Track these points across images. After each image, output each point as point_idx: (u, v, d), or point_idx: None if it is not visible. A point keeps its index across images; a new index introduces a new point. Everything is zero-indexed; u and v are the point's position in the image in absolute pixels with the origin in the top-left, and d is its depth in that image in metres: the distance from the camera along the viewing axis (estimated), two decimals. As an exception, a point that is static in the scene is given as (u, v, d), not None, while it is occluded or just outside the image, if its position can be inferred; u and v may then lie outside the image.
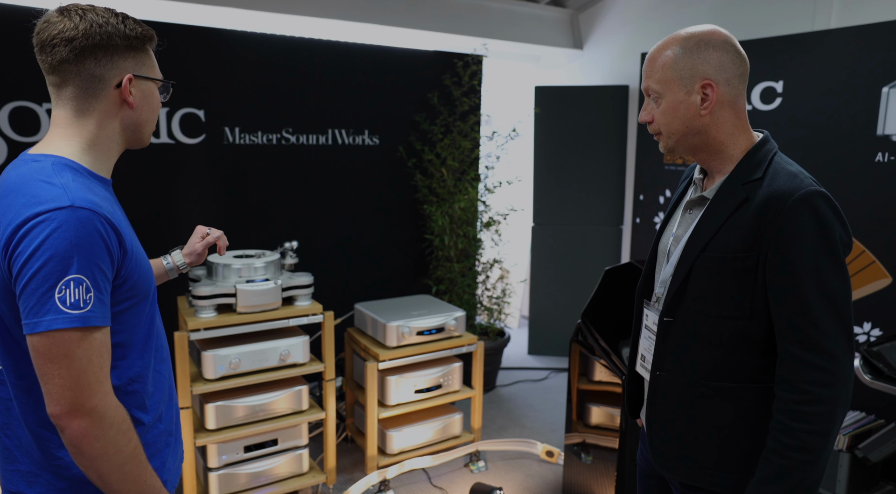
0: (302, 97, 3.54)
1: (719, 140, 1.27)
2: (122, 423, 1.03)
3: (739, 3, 3.91)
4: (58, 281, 0.95)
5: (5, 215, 1.00)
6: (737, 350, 1.25)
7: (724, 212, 1.24)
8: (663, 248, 1.42)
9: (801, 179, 1.20)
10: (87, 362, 0.98)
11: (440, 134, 3.96)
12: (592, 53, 5.00)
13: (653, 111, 1.29)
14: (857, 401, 3.14)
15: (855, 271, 3.14)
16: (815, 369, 1.15)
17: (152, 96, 1.17)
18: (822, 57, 3.17)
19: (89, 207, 0.99)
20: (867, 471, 2.93)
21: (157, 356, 1.20)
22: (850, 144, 3.08)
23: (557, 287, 4.79)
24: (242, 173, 3.43)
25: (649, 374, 1.40)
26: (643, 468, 1.56)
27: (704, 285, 1.26)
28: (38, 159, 1.06)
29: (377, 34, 4.23)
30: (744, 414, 1.26)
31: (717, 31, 1.24)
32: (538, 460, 3.26)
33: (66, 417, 0.97)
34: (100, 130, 1.12)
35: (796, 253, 1.15)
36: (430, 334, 3.03)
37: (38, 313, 0.95)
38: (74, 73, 1.08)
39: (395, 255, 4.01)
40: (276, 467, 2.72)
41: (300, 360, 2.73)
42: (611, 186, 4.69)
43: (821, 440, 1.15)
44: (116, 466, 1.02)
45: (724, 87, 1.23)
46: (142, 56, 1.14)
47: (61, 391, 0.97)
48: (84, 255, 0.97)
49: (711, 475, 1.30)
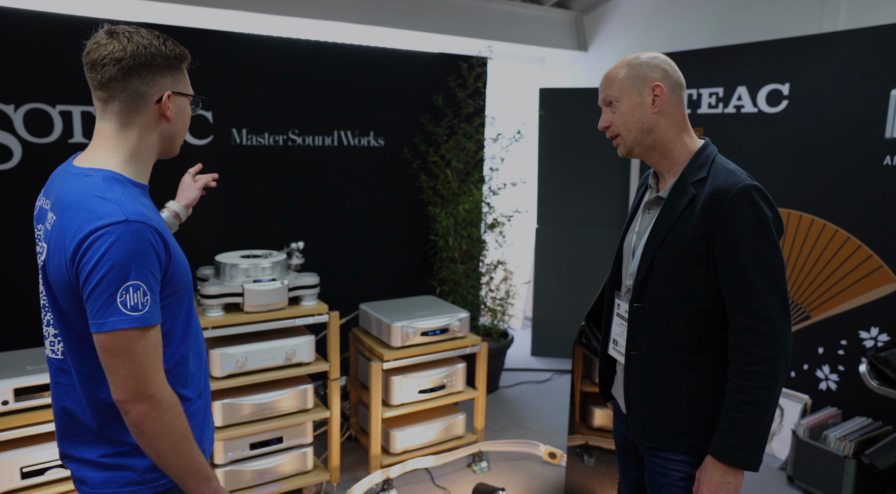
0: (308, 99, 3.56)
1: (668, 140, 1.49)
2: (176, 407, 1.19)
3: (745, 4, 3.90)
4: (119, 287, 1.10)
5: (69, 229, 1.14)
6: (696, 326, 1.46)
7: (678, 208, 1.45)
8: (628, 246, 1.63)
9: (737, 175, 1.42)
10: (145, 355, 1.14)
11: (445, 136, 3.97)
12: (597, 55, 5.00)
13: (610, 118, 1.51)
14: (862, 407, 3.13)
15: (861, 275, 3.13)
16: (758, 333, 1.36)
17: (185, 110, 1.31)
18: (830, 59, 3.17)
19: (141, 219, 1.14)
20: (873, 478, 2.92)
21: (195, 339, 1.36)
22: (858, 147, 3.07)
23: (561, 289, 4.79)
24: (249, 174, 3.46)
25: (623, 356, 1.60)
26: (619, 442, 1.76)
27: (666, 272, 1.47)
28: (88, 174, 1.19)
29: (382, 36, 4.25)
30: (707, 382, 1.47)
31: (659, 54, 1.51)
32: (540, 461, 3.27)
33: (129, 402, 1.13)
34: (140, 142, 1.25)
35: (738, 237, 1.36)
36: (435, 334, 3.05)
37: (104, 315, 1.11)
38: (121, 89, 1.20)
39: (399, 256, 4.03)
40: (280, 465, 2.74)
41: (306, 359, 2.75)
42: (614, 188, 4.70)
43: (768, 394, 1.37)
44: (171, 444, 1.18)
45: (669, 91, 1.47)
46: (178, 74, 1.27)
47: (125, 380, 1.13)
48: (139, 263, 1.12)
49: (678, 438, 1.50)
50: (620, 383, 1.65)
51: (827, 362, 3.27)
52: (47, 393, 2.21)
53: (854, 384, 3.14)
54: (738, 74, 3.52)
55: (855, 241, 3.14)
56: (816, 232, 3.27)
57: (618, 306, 1.66)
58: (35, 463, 2.22)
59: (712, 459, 1.42)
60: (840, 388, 3.22)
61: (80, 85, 2.92)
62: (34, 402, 2.21)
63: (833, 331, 3.24)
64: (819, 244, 3.27)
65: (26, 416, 2.18)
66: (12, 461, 2.18)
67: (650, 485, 1.58)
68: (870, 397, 3.06)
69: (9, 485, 2.18)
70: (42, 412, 2.21)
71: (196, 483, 1.24)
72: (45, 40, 2.84)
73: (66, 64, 2.89)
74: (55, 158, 2.91)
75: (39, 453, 2.22)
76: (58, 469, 2.25)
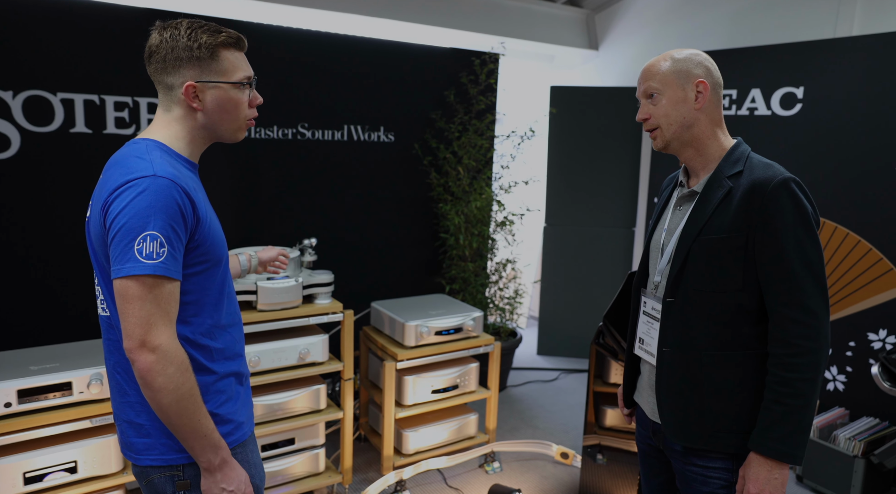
0: (318, 92, 3.50)
1: (705, 136, 1.49)
2: (182, 363, 1.20)
3: (759, 7, 3.89)
4: (137, 235, 1.14)
5: (106, 185, 1.20)
6: (732, 321, 1.44)
7: (714, 201, 1.44)
8: (656, 244, 1.62)
9: (775, 168, 1.42)
10: (155, 305, 1.16)
11: (457, 132, 3.93)
12: (608, 54, 4.98)
13: (650, 110, 1.50)
14: (871, 408, 3.15)
15: (871, 278, 3.14)
16: (801, 325, 1.36)
17: (225, 99, 1.30)
18: (844, 64, 3.16)
19: (168, 177, 1.17)
20: (881, 477, 2.95)
21: (227, 318, 1.36)
22: (870, 151, 3.08)
23: (568, 288, 4.78)
24: (258, 168, 3.40)
25: (650, 355, 1.58)
26: (643, 448, 1.73)
27: (702, 265, 1.45)
28: (136, 142, 1.26)
29: (393, 30, 4.20)
30: (741, 379, 1.44)
31: (700, 51, 1.51)
32: (552, 461, 3.26)
33: (135, 351, 1.16)
34: (181, 128, 1.31)
35: (779, 228, 1.36)
36: (449, 334, 3.02)
37: (121, 260, 1.15)
38: (157, 81, 1.29)
39: (408, 253, 3.99)
40: (292, 466, 2.70)
41: (319, 359, 2.71)
42: (624, 188, 4.68)
43: (811, 385, 1.35)
44: (175, 400, 1.18)
45: (711, 89, 1.47)
46: (210, 63, 1.27)
47: (133, 327, 1.15)
48: (160, 215, 1.15)
49: (717, 437, 1.47)
50: (647, 385, 1.63)
51: (835, 363, 3.29)
52: (52, 395, 2.13)
53: (861, 385, 3.15)
54: (753, 77, 3.51)
55: (865, 244, 3.15)
56: (827, 235, 3.28)
57: (644, 304, 1.64)
58: (39, 468, 2.11)
59: (757, 455, 1.40)
60: (847, 389, 3.24)
61: (83, 72, 2.84)
62: (39, 404, 2.11)
63: (842, 333, 3.25)
64: (830, 247, 3.27)
65: (30, 419, 2.08)
66: (15, 466, 2.07)
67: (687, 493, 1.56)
68: (877, 397, 3.08)
69: (10, 491, 2.08)
70: (47, 414, 2.12)
71: (202, 447, 1.24)
72: (47, 24, 2.75)
73: (69, 49, 2.80)
74: (56, 149, 2.83)
75: (44, 457, 2.12)
76: (59, 473, 2.15)
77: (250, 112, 1.35)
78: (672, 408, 1.52)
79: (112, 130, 2.95)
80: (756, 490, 1.39)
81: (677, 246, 1.50)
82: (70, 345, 2.43)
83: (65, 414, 2.14)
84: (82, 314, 2.95)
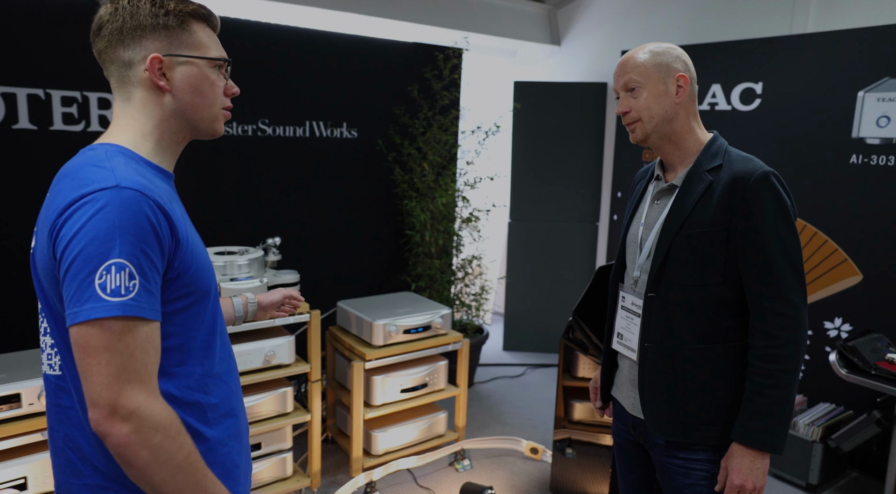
0: (278, 87, 3.41)
1: (684, 130, 1.49)
2: (171, 427, 0.92)
3: (717, 4, 3.96)
4: (98, 266, 0.87)
5: (55, 202, 0.94)
6: (713, 314, 1.44)
7: (695, 195, 1.44)
8: (633, 238, 1.60)
9: (754, 161, 1.43)
10: (128, 356, 0.88)
11: (421, 128, 3.89)
12: (570, 50, 5.00)
13: (631, 103, 1.49)
14: (827, 393, 3.24)
15: (827, 268, 3.23)
16: (782, 317, 1.37)
17: (199, 78, 1.06)
18: (801, 60, 3.24)
19: (136, 187, 0.91)
20: (838, 460, 3.05)
21: (221, 364, 1.10)
22: (826, 145, 3.16)
23: (533, 283, 4.79)
24: (217, 166, 3.29)
25: (630, 350, 1.58)
26: (621, 443, 1.72)
27: (684, 259, 1.45)
28: (93, 148, 1.01)
29: (355, 24, 4.12)
30: (722, 372, 1.46)
31: (676, 46, 1.51)
32: (522, 457, 3.25)
33: (105, 422, 0.88)
34: (146, 121, 1.05)
35: (760, 222, 1.37)
36: (417, 332, 2.98)
37: (78, 301, 0.87)
38: (109, 60, 1.04)
39: (374, 251, 3.93)
40: (259, 472, 2.63)
41: (286, 361, 2.64)
42: (587, 182, 4.72)
43: (792, 376, 1.38)
44: (169, 476, 0.91)
45: (690, 83, 1.48)
46: (179, 34, 1.04)
47: (99, 390, 0.87)
48: (127, 238, 0.88)
49: (699, 430, 1.48)
50: (627, 381, 1.62)
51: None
52: (18, 404, 2.01)
53: (818, 372, 3.24)
54: (713, 72, 3.57)
55: (822, 236, 3.23)
56: (786, 227, 3.35)
57: (623, 299, 1.63)
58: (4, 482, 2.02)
59: (740, 446, 1.41)
60: (805, 376, 3.33)
61: (27, 64, 2.68)
62: (6, 414, 2.01)
63: (801, 322, 3.34)
64: (789, 239, 3.35)
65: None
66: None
67: (669, 487, 1.55)
68: (833, 384, 3.17)
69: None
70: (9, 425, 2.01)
71: None
72: None
73: (11, 40, 2.64)
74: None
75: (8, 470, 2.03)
76: (8, 490, 2.03)
77: (225, 101, 1.13)
78: (655, 403, 1.52)
79: (60, 126, 2.81)
80: (740, 480, 1.40)
81: (658, 241, 1.49)
82: (17, 354, 2.30)
83: (13, 428, 2.02)
84: (30, 319, 2.80)
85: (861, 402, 3.10)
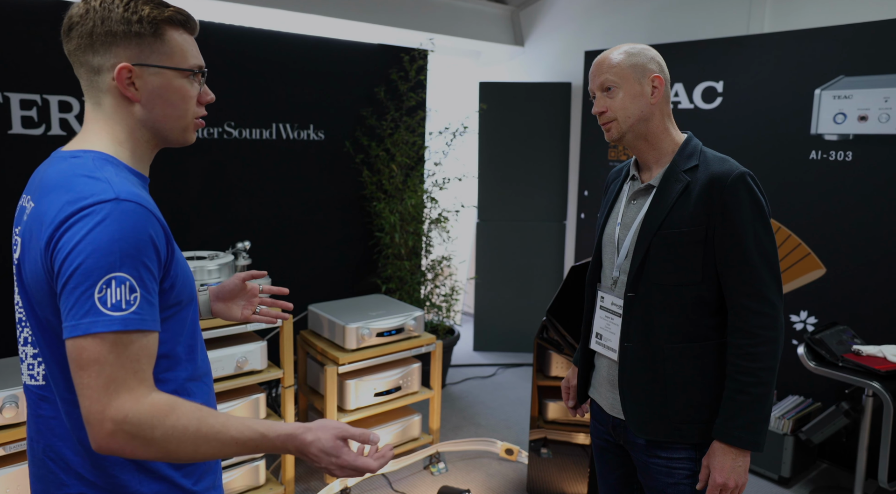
0: (244, 90, 3.34)
1: (659, 130, 1.50)
2: (168, 415, 0.89)
3: (677, 5, 4.03)
4: (98, 280, 0.86)
5: (47, 214, 0.92)
6: (692, 313, 1.46)
7: (673, 195, 1.45)
8: (609, 239, 1.60)
9: (730, 162, 1.46)
10: (118, 367, 0.87)
11: (389, 129, 3.86)
12: (534, 50, 5.04)
13: (607, 103, 1.49)
14: (795, 386, 3.32)
15: (792, 262, 3.31)
16: (761, 315, 1.39)
17: (170, 89, 1.02)
18: (759, 59, 3.32)
19: (135, 199, 0.91)
20: (807, 452, 3.11)
21: (204, 365, 1.10)
22: (786, 142, 3.24)
23: (502, 283, 4.80)
24: (183, 170, 3.20)
25: (610, 350, 1.58)
26: (600, 444, 1.71)
27: (663, 259, 1.46)
28: (77, 155, 0.98)
29: (320, 26, 4.07)
30: (701, 370, 1.47)
31: (649, 47, 1.53)
32: (497, 458, 3.24)
33: (103, 441, 0.86)
34: (118, 127, 1.03)
35: (738, 222, 1.39)
36: (390, 335, 2.95)
37: (77, 314, 0.86)
38: (79, 63, 1.01)
39: (343, 253, 3.88)
40: (231, 481, 2.56)
41: (258, 366, 2.58)
42: (554, 182, 4.75)
43: (771, 373, 1.40)
44: (192, 448, 0.90)
45: (664, 84, 1.49)
46: (152, 43, 1.00)
47: (90, 404, 0.86)
48: (128, 251, 0.88)
49: (680, 428, 1.48)
50: (606, 381, 1.61)
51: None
52: None
53: (787, 365, 3.32)
54: (675, 72, 3.63)
55: (785, 231, 3.31)
56: (750, 223, 3.43)
57: (601, 298, 1.62)
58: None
59: (721, 444, 1.41)
60: (774, 370, 3.40)
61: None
62: None
63: (767, 317, 3.41)
64: (752, 235, 3.42)
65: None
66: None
67: (651, 487, 1.55)
68: (800, 376, 3.25)
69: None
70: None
71: (269, 448, 0.94)
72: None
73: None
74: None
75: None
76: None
77: (198, 110, 1.08)
78: (635, 403, 1.52)
79: (19, 130, 2.70)
80: (722, 478, 1.41)
81: (636, 241, 1.50)
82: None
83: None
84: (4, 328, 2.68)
85: (827, 393, 3.18)
